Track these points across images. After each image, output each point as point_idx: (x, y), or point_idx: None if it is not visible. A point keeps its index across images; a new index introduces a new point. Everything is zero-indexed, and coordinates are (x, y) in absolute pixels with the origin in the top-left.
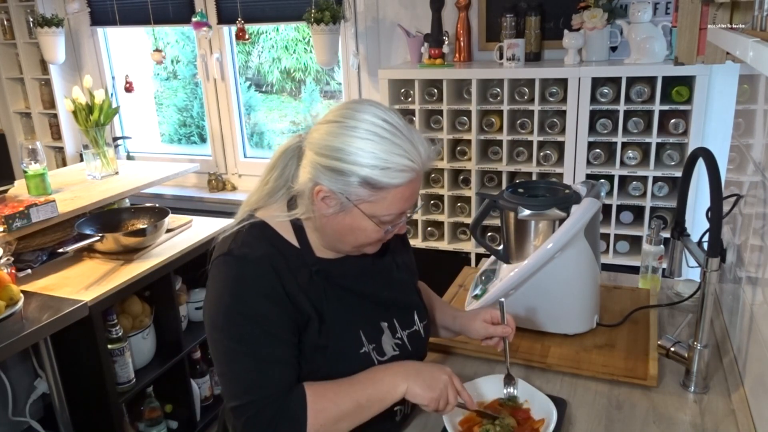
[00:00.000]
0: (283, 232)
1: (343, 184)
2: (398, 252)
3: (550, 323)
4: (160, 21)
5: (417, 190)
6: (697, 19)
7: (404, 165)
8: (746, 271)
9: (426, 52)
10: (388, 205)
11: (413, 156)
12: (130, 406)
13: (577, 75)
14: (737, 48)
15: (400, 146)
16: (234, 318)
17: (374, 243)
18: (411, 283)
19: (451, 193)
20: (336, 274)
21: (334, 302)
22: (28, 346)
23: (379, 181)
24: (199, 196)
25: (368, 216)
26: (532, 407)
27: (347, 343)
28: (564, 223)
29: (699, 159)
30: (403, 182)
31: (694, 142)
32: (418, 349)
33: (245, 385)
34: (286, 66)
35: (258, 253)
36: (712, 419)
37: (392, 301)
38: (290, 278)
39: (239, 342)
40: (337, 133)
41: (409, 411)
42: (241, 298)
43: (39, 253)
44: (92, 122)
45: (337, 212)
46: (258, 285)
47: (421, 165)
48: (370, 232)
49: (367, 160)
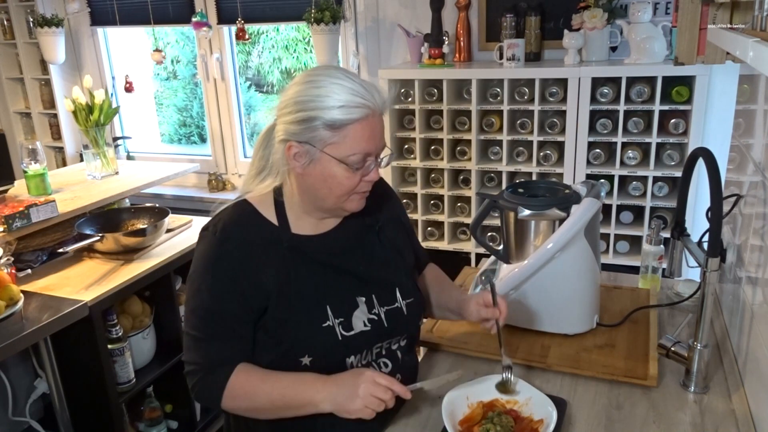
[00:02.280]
0: (263, 210)
1: (308, 132)
2: (388, 230)
3: (550, 323)
4: (160, 21)
5: (377, 132)
6: (697, 19)
7: (359, 102)
8: (746, 271)
9: (426, 52)
10: (351, 144)
11: (367, 96)
12: (130, 406)
13: (577, 75)
14: (737, 48)
15: (353, 88)
16: (194, 288)
17: (350, 193)
18: (396, 261)
19: (451, 193)
20: (311, 249)
21: (303, 277)
22: (28, 346)
23: (337, 119)
24: (199, 196)
25: (335, 159)
26: (532, 407)
27: (310, 316)
28: (564, 223)
29: (699, 159)
30: (360, 117)
31: (694, 142)
32: (397, 326)
33: (188, 352)
34: (287, 66)
35: (229, 231)
36: (712, 419)
37: (371, 277)
38: (259, 254)
39: (192, 312)
40: (297, 91)
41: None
42: (204, 271)
43: (39, 253)
44: (92, 122)
45: (307, 164)
46: (221, 261)
47: (377, 105)
48: (341, 178)
49: (325, 103)
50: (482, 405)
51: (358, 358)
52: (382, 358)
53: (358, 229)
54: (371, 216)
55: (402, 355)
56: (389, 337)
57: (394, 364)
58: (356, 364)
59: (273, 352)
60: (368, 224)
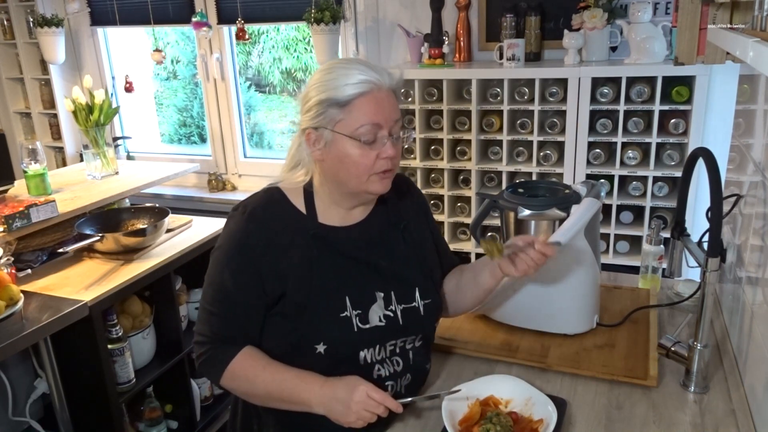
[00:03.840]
0: (293, 198)
1: (319, 115)
2: (412, 229)
3: (550, 323)
4: (160, 21)
5: (384, 105)
6: (697, 19)
7: (361, 79)
8: (746, 271)
9: (426, 52)
10: (357, 116)
11: (371, 73)
12: (130, 406)
13: (577, 75)
14: (737, 48)
15: (358, 68)
16: (215, 264)
17: (369, 173)
18: (418, 261)
19: (451, 193)
20: (336, 239)
21: (325, 265)
22: (28, 346)
23: (341, 96)
24: (199, 196)
25: (347, 136)
26: (532, 407)
27: (329, 304)
28: (564, 223)
29: (699, 159)
30: (364, 91)
31: (694, 142)
32: (412, 325)
33: (200, 324)
34: (287, 66)
35: (257, 213)
36: (712, 419)
37: (392, 272)
38: (283, 239)
39: (210, 285)
40: (310, 82)
41: (402, 390)
42: (228, 249)
43: (39, 253)
44: (92, 122)
45: (324, 148)
46: (246, 241)
47: (383, 81)
48: (356, 156)
49: (331, 84)
50: (479, 402)
51: (372, 352)
52: (395, 356)
53: (384, 225)
54: (397, 214)
55: (414, 356)
56: (404, 335)
57: (405, 364)
58: (369, 358)
59: (290, 337)
60: (393, 222)
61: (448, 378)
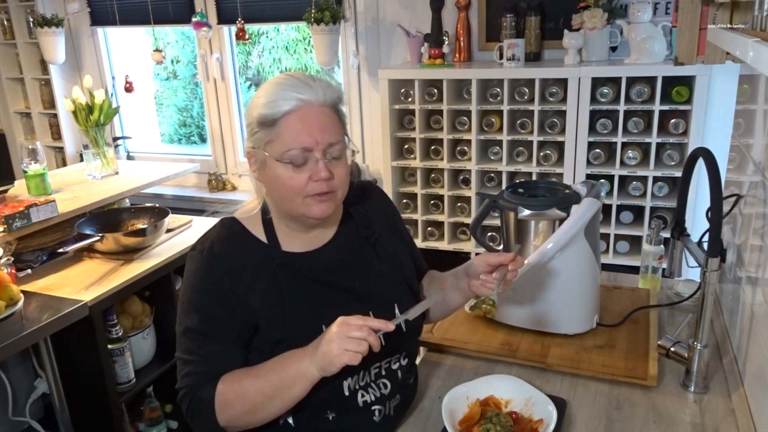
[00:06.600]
0: (252, 228)
1: (252, 136)
2: (385, 242)
3: (550, 323)
4: (160, 21)
5: (313, 123)
6: (697, 19)
7: (287, 95)
8: (746, 271)
9: (426, 52)
10: (285, 139)
11: (299, 88)
12: (130, 406)
13: (577, 75)
14: (737, 48)
15: (285, 83)
16: (183, 308)
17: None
18: (394, 276)
19: (451, 193)
20: (304, 267)
21: (296, 296)
22: (28, 346)
23: (268, 115)
24: (199, 196)
25: (275, 159)
26: (531, 407)
27: (304, 335)
28: (564, 223)
29: (699, 159)
30: (290, 109)
31: (694, 142)
32: (396, 344)
33: (181, 378)
34: (287, 66)
35: (217, 249)
36: (712, 419)
37: (368, 293)
38: (248, 274)
39: (183, 334)
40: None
41: (391, 413)
42: (193, 292)
43: (39, 253)
44: (92, 122)
45: (260, 169)
46: (210, 280)
47: (313, 96)
48: (285, 178)
49: (259, 102)
50: (479, 402)
51: (355, 379)
52: (381, 378)
53: (353, 243)
54: (367, 228)
55: (402, 374)
56: (389, 356)
57: (393, 385)
58: (353, 386)
59: None
60: (364, 237)
61: (448, 378)
